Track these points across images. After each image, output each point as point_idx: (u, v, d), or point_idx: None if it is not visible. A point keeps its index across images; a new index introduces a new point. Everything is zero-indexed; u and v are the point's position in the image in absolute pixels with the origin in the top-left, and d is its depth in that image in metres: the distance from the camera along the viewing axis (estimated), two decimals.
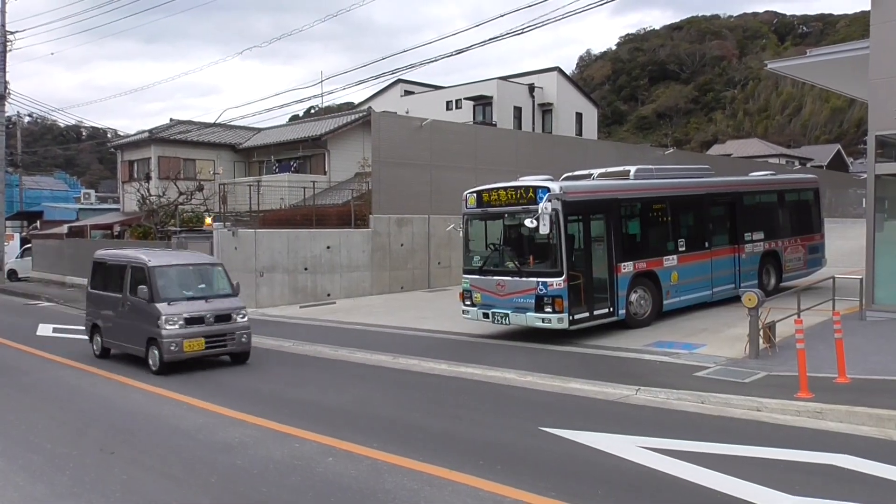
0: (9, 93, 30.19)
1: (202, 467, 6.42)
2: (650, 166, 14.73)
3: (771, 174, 17.52)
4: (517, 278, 12.01)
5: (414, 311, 16.79)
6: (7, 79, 30.05)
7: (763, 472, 5.78)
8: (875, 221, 12.19)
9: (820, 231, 17.43)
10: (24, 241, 37.26)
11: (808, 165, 57.66)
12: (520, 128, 40.83)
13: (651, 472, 5.88)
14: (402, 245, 21.59)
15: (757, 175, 17.18)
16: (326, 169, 30.36)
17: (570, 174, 14.37)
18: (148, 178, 28.96)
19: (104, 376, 10.96)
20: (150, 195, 26.29)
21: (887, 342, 10.42)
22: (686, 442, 6.62)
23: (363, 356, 12.04)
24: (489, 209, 12.65)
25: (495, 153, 23.63)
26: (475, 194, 12.93)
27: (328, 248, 20.48)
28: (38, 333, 16.01)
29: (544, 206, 11.12)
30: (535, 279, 11.68)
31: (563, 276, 11.36)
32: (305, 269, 20.17)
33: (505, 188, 12.38)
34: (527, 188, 11.93)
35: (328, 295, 20.40)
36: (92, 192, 48.83)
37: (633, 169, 13.79)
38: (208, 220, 21.90)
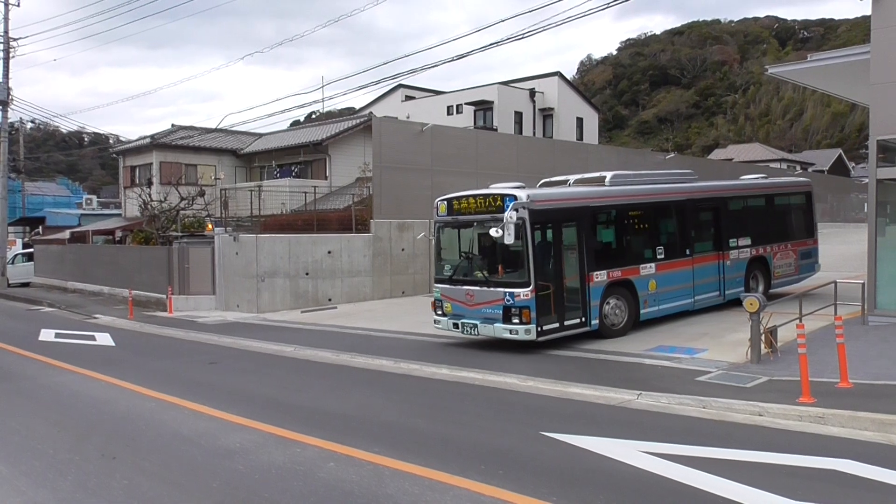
0: (11, 99, 30.32)
1: (204, 473, 6.41)
2: (627, 172, 14.55)
3: (762, 177, 17.21)
4: (485, 288, 11.87)
5: (415, 316, 16.79)
6: (10, 85, 30.18)
7: (765, 476, 5.77)
8: (877, 226, 12.17)
9: (813, 236, 17.05)
10: (26, 245, 37.28)
11: (810, 170, 57.71)
12: (520, 133, 40.92)
13: (653, 476, 5.87)
14: (403, 250, 21.60)
15: (748, 178, 16.91)
16: (327, 174, 30.43)
17: (547, 180, 14.29)
18: (150, 184, 29.03)
19: (106, 381, 10.96)
20: (152, 200, 26.35)
21: (889, 347, 10.41)
22: (688, 447, 6.61)
23: (364, 361, 12.04)
24: (459, 217, 12.49)
25: (496, 158, 23.68)
26: (446, 202, 12.77)
27: (329, 252, 20.50)
28: (40, 339, 16.02)
29: (509, 215, 11.00)
30: (502, 289, 11.54)
31: (531, 287, 11.22)
32: (307, 273, 20.20)
33: (474, 196, 12.23)
34: (495, 196, 11.76)
35: (329, 300, 20.42)
36: (94, 197, 49.01)
37: (608, 175, 13.60)
38: (209, 226, 21.97)
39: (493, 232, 11.14)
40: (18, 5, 30.61)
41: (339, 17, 35.25)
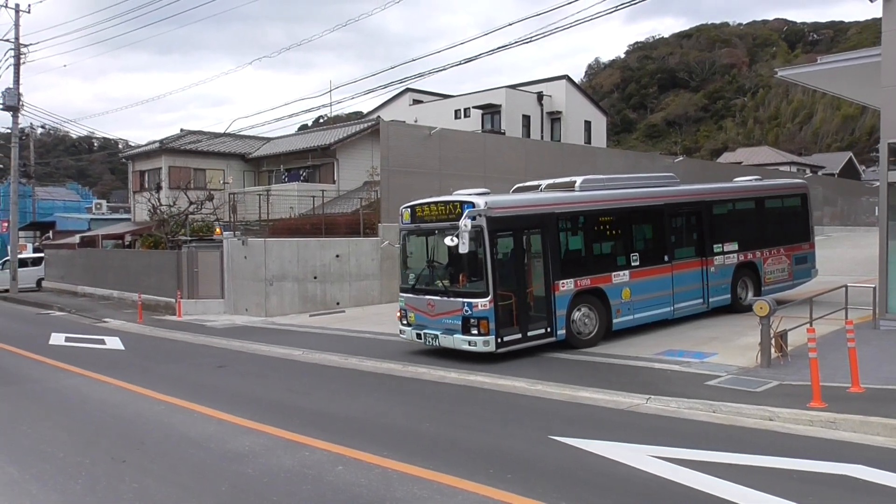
0: (22, 105, 30.51)
1: (213, 476, 6.43)
2: (600, 176, 14.15)
3: (755, 179, 16.70)
4: (446, 298, 11.66)
5: None
6: (21, 91, 30.39)
7: (775, 481, 5.73)
8: (888, 229, 12.08)
9: (809, 240, 16.43)
10: (36, 249, 37.46)
11: (820, 173, 57.44)
12: (528, 136, 40.90)
13: (662, 481, 5.84)
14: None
15: (741, 180, 16.48)
16: (335, 178, 30.50)
17: (520, 185, 14.06)
18: (158, 188, 29.17)
19: (115, 385, 11.01)
20: (161, 205, 26.48)
21: None
22: (697, 451, 6.57)
23: (373, 364, 12.05)
24: (422, 225, 12.28)
25: (504, 162, 23.67)
26: (409, 209, 12.56)
27: (337, 256, 20.54)
28: (50, 343, 16.10)
29: (464, 223, 10.71)
30: (461, 300, 11.32)
31: (489, 297, 10.95)
32: (315, 277, 20.24)
33: (435, 203, 12.03)
34: (454, 203, 11.52)
35: (337, 303, 20.45)
36: (103, 202, 49.31)
37: (578, 179, 13.22)
38: (218, 230, 22.05)
39: (447, 241, 10.91)
40: (29, 12, 30.82)
41: (347, 22, 35.42)
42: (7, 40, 30.41)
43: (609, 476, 6.05)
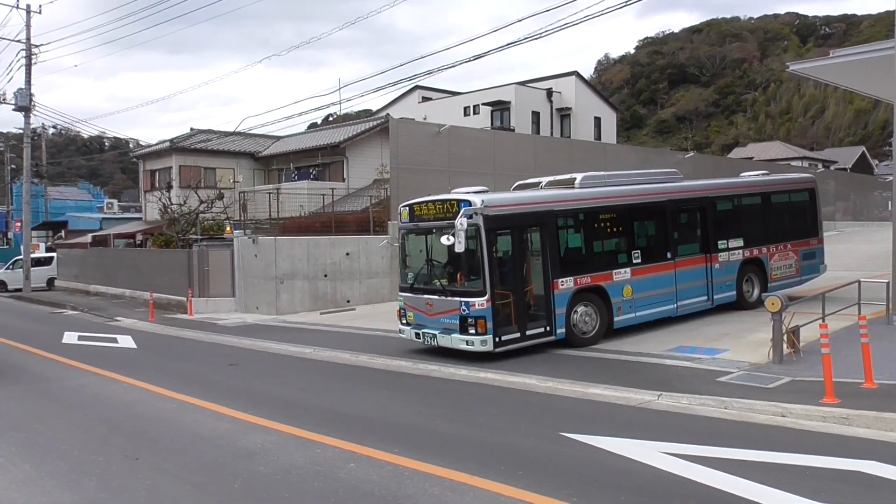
0: (34, 105, 30.71)
1: (225, 473, 6.46)
2: (601, 173, 14.03)
3: (763, 174, 16.51)
4: (443, 297, 11.63)
5: None
6: (32, 91, 30.59)
7: (788, 478, 5.70)
8: None
9: (817, 235, 16.21)
10: (49, 249, 37.77)
11: (832, 168, 57.03)
12: (538, 133, 40.82)
13: (674, 478, 5.83)
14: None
15: (747, 175, 16.29)
16: (345, 176, 30.55)
17: (521, 182, 14.00)
18: (169, 187, 29.31)
19: (128, 383, 11.08)
20: (172, 204, 26.61)
21: None
22: (709, 448, 6.55)
23: (383, 362, 12.08)
24: (420, 224, 12.24)
25: (514, 158, 23.64)
26: (408, 208, 12.51)
27: (347, 254, 20.59)
28: (63, 341, 16.22)
29: (460, 222, 10.65)
30: (458, 299, 11.27)
31: (487, 296, 10.88)
32: (325, 275, 20.30)
33: (433, 201, 11.98)
34: (451, 202, 11.47)
35: (348, 301, 20.50)
36: (115, 201, 49.73)
37: (578, 177, 13.13)
38: (229, 228, 22.16)
39: (443, 240, 10.88)
40: (40, 12, 31.04)
41: (357, 19, 35.48)
42: (19, 41, 30.64)
43: (621, 473, 6.03)
